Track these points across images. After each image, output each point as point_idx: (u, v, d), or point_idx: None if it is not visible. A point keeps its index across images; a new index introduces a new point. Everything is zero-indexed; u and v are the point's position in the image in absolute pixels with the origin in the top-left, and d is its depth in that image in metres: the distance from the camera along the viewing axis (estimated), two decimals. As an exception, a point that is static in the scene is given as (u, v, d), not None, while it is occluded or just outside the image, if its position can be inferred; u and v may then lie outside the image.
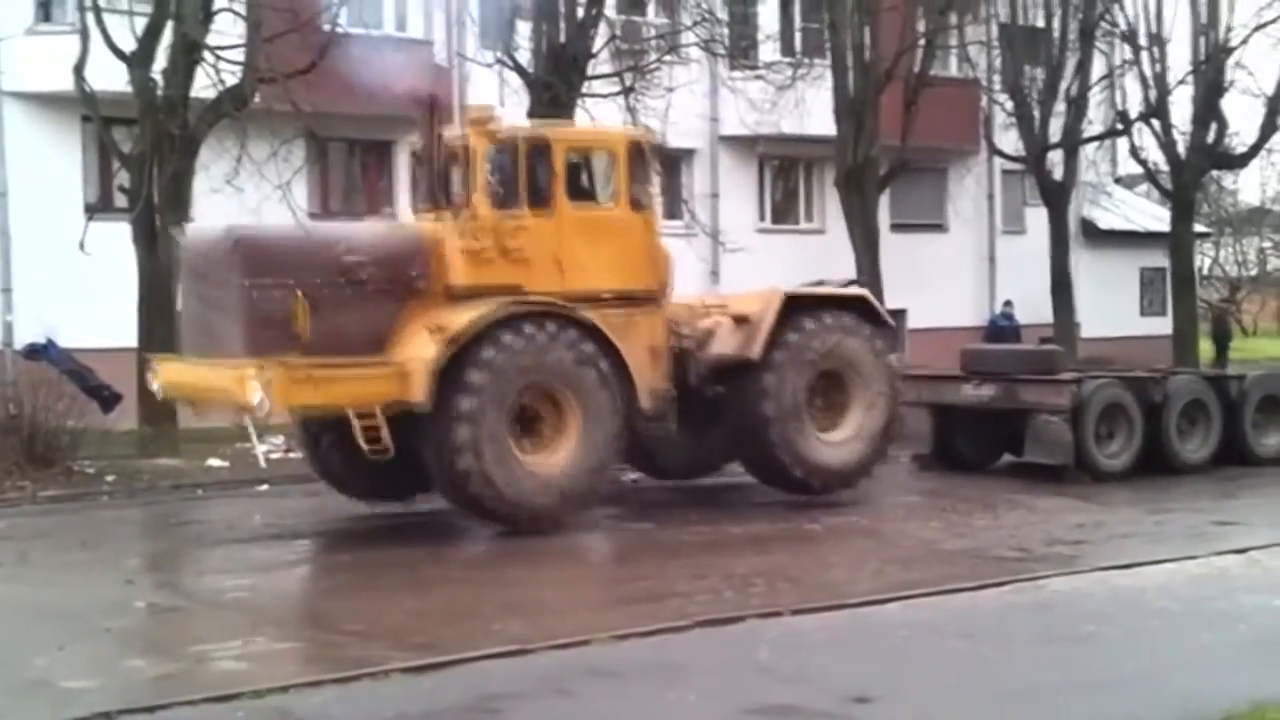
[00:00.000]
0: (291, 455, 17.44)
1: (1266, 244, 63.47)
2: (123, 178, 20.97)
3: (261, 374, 12.83)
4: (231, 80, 20.30)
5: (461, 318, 13.66)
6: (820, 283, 17.17)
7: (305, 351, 13.24)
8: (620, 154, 14.98)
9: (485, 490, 13.51)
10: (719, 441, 16.23)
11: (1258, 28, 33.05)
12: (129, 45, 20.18)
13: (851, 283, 18.07)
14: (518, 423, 13.83)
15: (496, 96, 23.26)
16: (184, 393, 14.97)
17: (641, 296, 15.07)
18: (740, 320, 15.43)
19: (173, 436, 19.63)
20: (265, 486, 17.60)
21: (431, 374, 13.30)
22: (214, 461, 19.21)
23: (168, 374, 14.80)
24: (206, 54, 20.12)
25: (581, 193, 14.94)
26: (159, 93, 20.04)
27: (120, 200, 21.53)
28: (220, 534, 14.80)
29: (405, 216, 16.99)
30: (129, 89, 20.22)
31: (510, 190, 14.35)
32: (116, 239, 20.32)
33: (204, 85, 20.27)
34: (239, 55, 20.32)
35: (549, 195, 14.48)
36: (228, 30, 20.57)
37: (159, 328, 19.81)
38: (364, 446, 13.18)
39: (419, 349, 13.54)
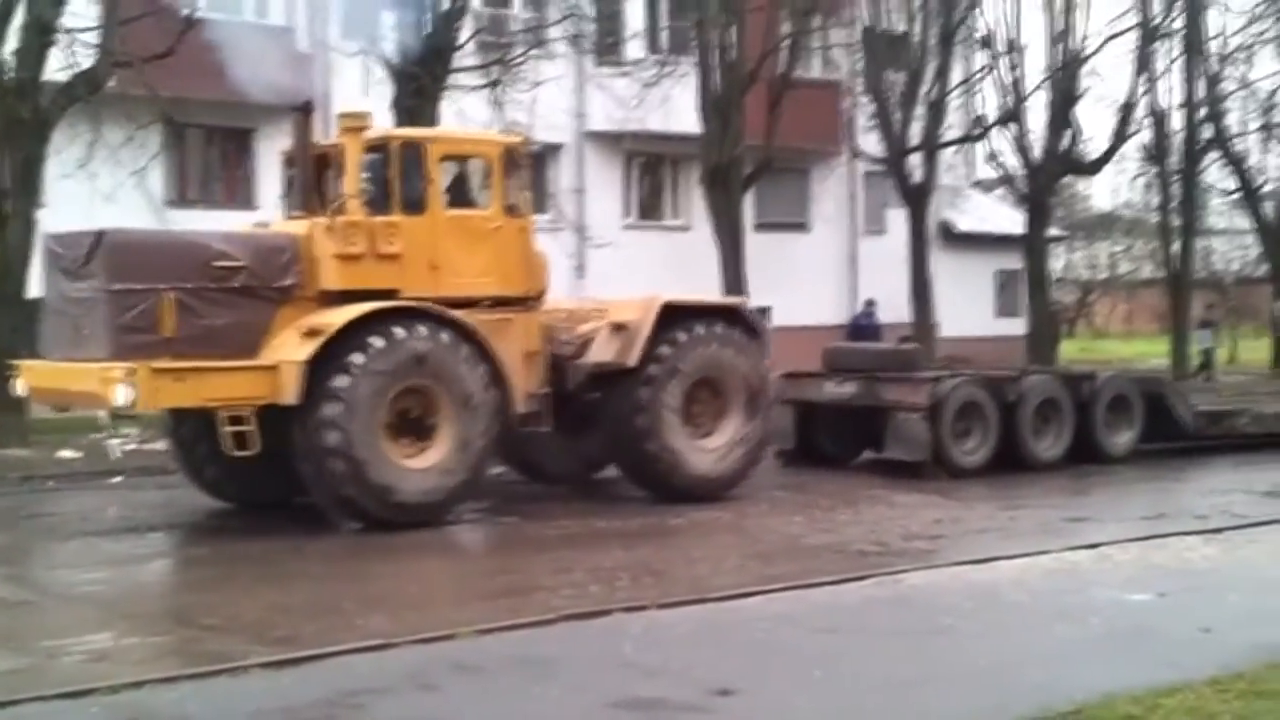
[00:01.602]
0: (146, 447, 17.11)
1: (1117, 248, 65.09)
2: (-29, 162, 20.36)
3: (128, 375, 12.67)
4: (86, 63, 19.83)
5: (333, 318, 13.58)
6: None
7: (174, 355, 13.12)
8: (495, 159, 14.99)
9: (357, 490, 13.42)
10: (596, 447, 16.29)
11: (1110, 37, 34.04)
12: (-21, 25, 19.63)
13: None
14: (392, 423, 13.76)
15: (360, 87, 23.03)
16: (48, 395, 14.68)
17: (516, 300, 15.10)
18: (618, 327, 15.47)
19: (22, 427, 19.12)
20: (119, 479, 17.23)
21: (302, 372, 13.19)
22: (66, 453, 18.75)
23: (31, 377, 14.52)
24: (60, 35, 19.63)
25: (456, 197, 14.93)
26: (9, 75, 19.49)
27: (-32, 185, 20.90)
28: (73, 527, 14.45)
29: (270, 212, 16.77)
30: (-22, 70, 19.66)
31: (383, 193, 14.26)
32: (-36, 224, 19.69)
33: (57, 68, 19.80)
34: (94, 38, 19.86)
35: (423, 199, 14.42)
36: (82, 12, 20.09)
37: (5, 316, 19.30)
38: (229, 448, 13.06)
39: (290, 349, 13.45)
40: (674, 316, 15.59)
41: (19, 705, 7.62)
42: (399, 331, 13.68)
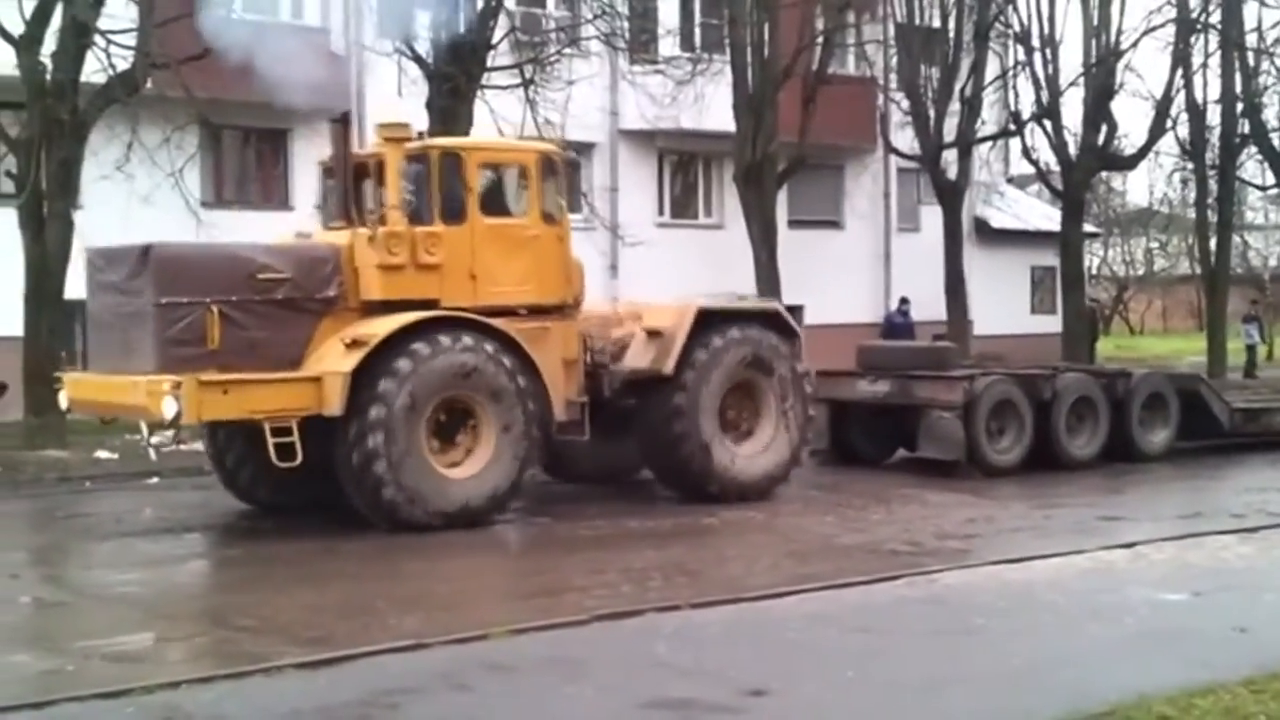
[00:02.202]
0: (183, 447, 17.17)
1: (1153, 244, 64.80)
2: (9, 163, 20.52)
3: (175, 387, 12.76)
4: (123, 65, 19.94)
5: (376, 329, 13.65)
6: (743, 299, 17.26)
7: (220, 367, 13.20)
8: (533, 168, 15.00)
9: (397, 498, 13.47)
10: (632, 451, 16.29)
11: (1147, 32, 33.76)
12: (17, 28, 19.77)
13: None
14: (434, 432, 13.82)
15: (394, 87, 23.09)
16: (91, 407, 14.78)
17: (554, 308, 15.13)
18: (654, 334, 15.48)
19: (59, 428, 19.24)
20: (155, 479, 17.34)
21: (345, 383, 13.25)
22: (102, 453, 18.88)
23: (74, 389, 14.63)
24: (97, 38, 19.75)
25: (494, 206, 14.96)
26: (48, 77, 19.64)
27: (7, 186, 21.07)
28: (109, 527, 14.55)
29: (305, 210, 16.81)
30: (17, 73, 19.80)
31: (423, 203, 14.32)
32: (2, 226, 19.86)
33: (94, 70, 19.90)
34: (131, 39, 19.98)
35: (462, 208, 14.47)
36: (119, 14, 20.22)
37: (45, 316, 19.45)
38: (275, 459, 13.10)
39: (333, 360, 13.53)
40: (710, 322, 15.60)
41: (55, 705, 7.68)
42: (438, 342, 13.73)
